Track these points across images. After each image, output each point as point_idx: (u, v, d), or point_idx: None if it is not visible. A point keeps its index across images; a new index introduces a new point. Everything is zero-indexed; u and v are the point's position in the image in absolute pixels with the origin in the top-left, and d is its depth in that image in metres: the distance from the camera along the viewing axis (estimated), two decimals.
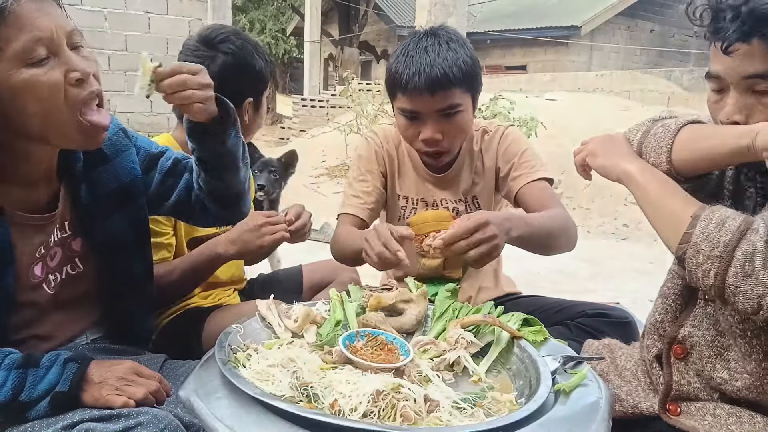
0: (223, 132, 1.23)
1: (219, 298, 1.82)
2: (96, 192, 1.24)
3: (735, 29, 1.04)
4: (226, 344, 1.07)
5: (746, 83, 1.06)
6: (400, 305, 1.29)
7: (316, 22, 16.66)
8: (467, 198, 1.80)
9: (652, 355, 1.27)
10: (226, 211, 1.38)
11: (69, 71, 1.03)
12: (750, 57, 1.04)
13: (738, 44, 1.04)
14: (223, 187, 1.31)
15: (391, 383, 0.93)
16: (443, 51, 1.56)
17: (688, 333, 1.21)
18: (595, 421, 0.94)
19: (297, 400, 0.93)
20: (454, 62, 1.54)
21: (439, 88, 1.53)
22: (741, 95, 1.08)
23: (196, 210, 1.36)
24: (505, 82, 14.46)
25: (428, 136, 1.60)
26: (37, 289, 1.16)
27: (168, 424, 0.93)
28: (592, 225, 6.32)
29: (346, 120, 8.70)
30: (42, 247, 1.16)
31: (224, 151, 1.26)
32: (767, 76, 1.04)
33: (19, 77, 1.00)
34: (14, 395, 0.97)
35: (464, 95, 1.59)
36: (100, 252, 1.26)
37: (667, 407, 1.20)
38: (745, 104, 1.08)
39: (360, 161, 1.82)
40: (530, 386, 1.04)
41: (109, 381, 1.01)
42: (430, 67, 1.53)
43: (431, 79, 1.52)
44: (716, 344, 1.17)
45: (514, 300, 1.85)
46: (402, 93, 1.59)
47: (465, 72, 1.56)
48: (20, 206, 1.12)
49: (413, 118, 1.61)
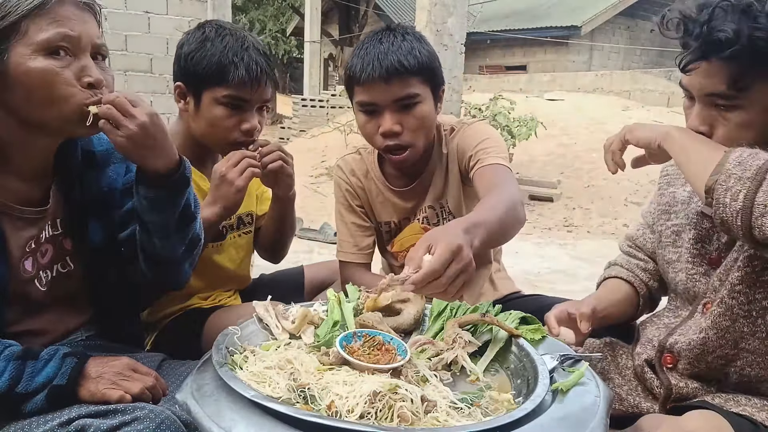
0: (174, 189, 1.17)
1: (220, 299, 1.82)
2: (85, 194, 1.25)
3: (694, 49, 1.08)
4: (223, 346, 1.07)
5: (708, 99, 1.11)
6: (397, 305, 1.28)
7: (316, 22, 16.68)
8: (441, 203, 1.77)
9: (642, 360, 1.28)
10: (156, 273, 1.29)
11: (83, 74, 1.07)
12: (710, 76, 1.08)
13: (698, 63, 1.09)
14: (153, 249, 1.24)
15: (388, 384, 0.93)
16: (398, 41, 1.56)
17: (675, 341, 1.23)
18: (593, 420, 0.93)
19: (294, 402, 0.93)
20: (409, 51, 1.54)
21: (395, 76, 1.53)
22: (704, 108, 1.13)
23: (135, 259, 1.29)
24: (505, 82, 14.48)
25: (387, 128, 1.57)
26: (29, 285, 1.16)
27: (165, 419, 0.93)
28: (592, 225, 6.32)
29: (346, 120, 8.71)
30: (32, 241, 1.17)
31: (168, 213, 1.20)
32: (726, 96, 1.08)
33: (35, 63, 1.04)
34: (11, 386, 0.97)
35: (422, 86, 1.58)
36: (86, 253, 1.26)
37: (668, 408, 1.20)
38: (708, 116, 1.12)
39: (337, 202, 1.84)
40: (528, 385, 1.04)
41: (106, 376, 1.01)
42: (384, 54, 1.53)
43: (385, 66, 1.52)
44: (705, 348, 1.18)
45: (514, 300, 1.85)
46: (358, 85, 1.58)
47: (421, 62, 1.55)
48: (12, 198, 1.13)
49: (372, 112, 1.60)
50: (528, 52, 17.84)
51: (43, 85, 1.04)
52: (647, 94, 12.37)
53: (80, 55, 1.07)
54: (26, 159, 1.14)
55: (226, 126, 1.56)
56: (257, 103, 1.59)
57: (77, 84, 1.07)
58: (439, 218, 1.78)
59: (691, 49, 1.09)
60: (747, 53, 1.03)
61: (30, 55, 1.03)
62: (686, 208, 1.32)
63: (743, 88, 1.06)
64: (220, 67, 1.52)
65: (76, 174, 1.23)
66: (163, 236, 1.22)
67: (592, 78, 13.79)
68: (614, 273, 1.51)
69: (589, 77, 13.93)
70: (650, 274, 1.48)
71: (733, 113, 1.09)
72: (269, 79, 1.58)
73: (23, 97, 1.05)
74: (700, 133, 1.13)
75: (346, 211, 1.81)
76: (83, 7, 1.09)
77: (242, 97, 1.54)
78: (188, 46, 1.57)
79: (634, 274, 1.49)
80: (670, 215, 1.36)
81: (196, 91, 1.57)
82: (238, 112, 1.56)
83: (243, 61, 1.52)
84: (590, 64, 16.94)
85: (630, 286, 1.47)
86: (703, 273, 1.25)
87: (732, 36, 1.02)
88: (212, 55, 1.53)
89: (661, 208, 1.39)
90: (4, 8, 1.03)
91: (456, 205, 1.76)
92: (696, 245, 1.26)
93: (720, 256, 1.22)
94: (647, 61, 17.46)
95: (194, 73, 1.55)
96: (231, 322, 1.20)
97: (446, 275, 1.03)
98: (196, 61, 1.54)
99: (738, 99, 1.07)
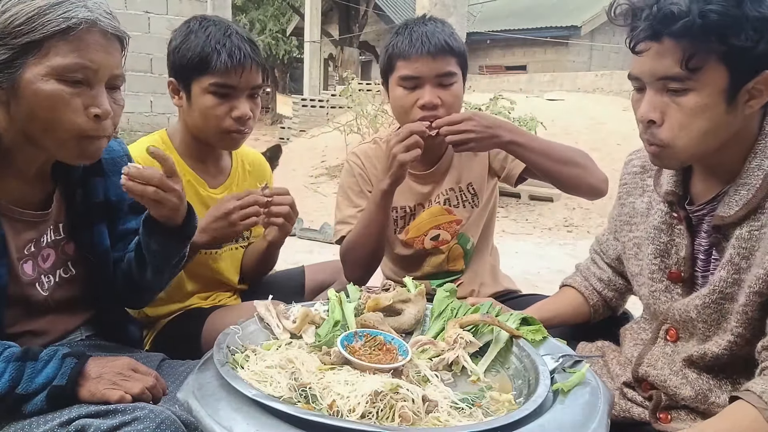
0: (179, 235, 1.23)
1: (219, 299, 1.82)
2: (89, 200, 1.26)
3: (645, 28, 1.04)
4: (224, 345, 1.07)
5: (660, 83, 1.06)
6: (398, 305, 1.28)
7: (316, 22, 16.68)
8: (460, 186, 1.84)
9: (620, 383, 1.28)
10: (129, 296, 1.36)
11: (92, 105, 1.07)
12: (661, 57, 1.04)
13: (648, 43, 1.05)
14: (141, 279, 1.30)
15: (389, 384, 0.93)
16: (440, 25, 1.71)
17: (646, 372, 1.22)
18: (595, 421, 0.93)
19: (295, 401, 0.93)
20: (450, 34, 1.69)
21: (440, 53, 1.64)
22: (655, 94, 1.08)
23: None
24: (505, 82, 14.46)
25: (427, 100, 1.64)
26: (30, 289, 1.16)
27: (165, 419, 0.93)
28: (592, 225, 6.31)
29: (346, 120, 8.70)
30: (32, 244, 1.17)
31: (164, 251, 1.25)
32: (678, 78, 1.03)
33: (46, 85, 1.03)
34: (11, 387, 0.97)
35: (458, 68, 1.69)
36: (88, 258, 1.27)
37: (657, 416, 1.20)
38: (660, 102, 1.07)
39: (346, 187, 1.85)
40: (529, 386, 1.04)
41: (106, 376, 1.02)
42: (431, 33, 1.66)
43: (431, 43, 1.64)
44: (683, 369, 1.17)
45: (514, 299, 1.86)
46: (404, 59, 1.67)
47: (459, 46, 1.69)
48: (11, 199, 1.13)
49: (413, 87, 1.67)
50: (528, 52, 17.84)
51: (49, 109, 1.04)
52: None
53: (94, 85, 1.07)
54: (26, 164, 1.14)
55: (217, 114, 1.56)
56: (246, 89, 1.57)
57: (83, 113, 1.06)
58: (459, 200, 1.83)
59: (637, 31, 1.05)
60: (699, 28, 0.99)
61: (43, 76, 1.03)
62: (645, 221, 1.29)
63: (696, 68, 1.01)
64: (203, 56, 1.52)
65: (78, 181, 1.23)
66: (157, 272, 1.29)
67: (592, 78, 13.78)
68: (570, 282, 1.55)
69: (589, 77, 13.92)
70: (605, 283, 1.49)
71: (685, 97, 1.04)
72: (255, 65, 1.56)
73: (27, 114, 1.05)
74: (650, 121, 1.09)
75: (356, 196, 1.83)
76: (110, 37, 1.08)
77: (228, 84, 1.54)
78: (175, 41, 1.59)
79: (589, 284, 1.51)
80: (631, 226, 1.34)
81: (186, 84, 1.58)
82: (227, 99, 1.55)
83: (225, 47, 1.52)
84: (590, 64, 16.94)
85: (581, 297, 1.50)
86: (664, 290, 1.23)
87: (684, 8, 0.99)
88: (196, 45, 1.53)
89: (623, 219, 1.37)
90: (30, 24, 1.01)
91: (480, 186, 1.84)
92: (655, 260, 1.24)
93: (680, 271, 1.20)
94: None
95: (181, 65, 1.56)
96: (230, 322, 1.20)
97: (466, 123, 1.56)
98: (182, 53, 1.55)
99: (691, 80, 1.02)
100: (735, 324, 1.09)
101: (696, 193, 1.19)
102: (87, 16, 1.04)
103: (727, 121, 1.05)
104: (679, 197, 1.20)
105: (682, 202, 1.20)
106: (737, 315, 1.08)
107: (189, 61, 1.54)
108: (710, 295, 1.11)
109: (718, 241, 1.13)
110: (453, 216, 1.83)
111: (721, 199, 1.12)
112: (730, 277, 1.09)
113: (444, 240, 1.83)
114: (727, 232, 1.11)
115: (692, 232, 1.19)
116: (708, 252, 1.17)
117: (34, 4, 1.02)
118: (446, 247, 1.84)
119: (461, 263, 1.87)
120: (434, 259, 1.86)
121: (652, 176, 1.29)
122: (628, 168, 1.38)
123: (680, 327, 1.21)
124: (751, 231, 1.06)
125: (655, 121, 1.08)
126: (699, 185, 1.19)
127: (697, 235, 1.19)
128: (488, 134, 1.58)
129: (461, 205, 1.84)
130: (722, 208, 1.10)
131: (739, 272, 1.08)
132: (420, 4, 6.87)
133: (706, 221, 1.16)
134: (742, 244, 1.07)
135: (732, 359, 1.12)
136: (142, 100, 8.24)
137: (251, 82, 1.57)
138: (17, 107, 1.05)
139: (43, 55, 1.02)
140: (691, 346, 1.17)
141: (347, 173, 1.87)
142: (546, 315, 1.40)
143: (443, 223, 1.83)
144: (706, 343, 1.14)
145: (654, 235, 1.24)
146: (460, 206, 1.84)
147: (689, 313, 1.15)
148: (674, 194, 1.20)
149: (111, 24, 1.08)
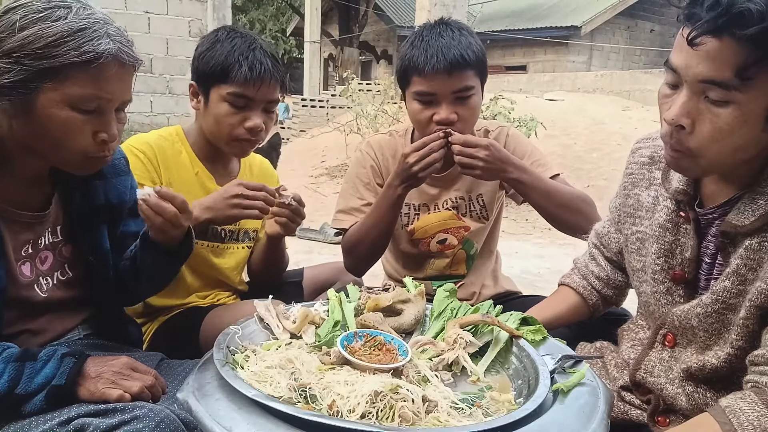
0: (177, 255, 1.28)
1: (218, 298, 1.82)
2: (88, 203, 1.26)
3: (709, 19, 0.90)
4: (224, 345, 1.07)
5: (701, 87, 0.95)
6: (398, 306, 1.28)
7: (316, 22, 16.69)
8: (470, 195, 1.82)
9: (618, 386, 1.27)
10: (121, 296, 1.38)
11: (101, 129, 1.08)
12: (713, 57, 0.92)
13: (706, 37, 0.92)
14: (136, 285, 1.34)
15: (389, 384, 0.93)
16: (456, 36, 1.63)
17: (643, 378, 1.21)
18: (594, 421, 0.93)
19: (295, 401, 0.93)
20: (468, 45, 1.62)
21: (456, 69, 1.59)
22: (691, 97, 0.97)
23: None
24: (505, 82, 14.47)
25: (443, 117, 1.63)
26: (28, 290, 1.17)
27: (164, 418, 0.93)
28: None
29: (346, 120, 8.71)
30: (29, 246, 1.17)
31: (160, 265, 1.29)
32: (723, 85, 0.92)
33: (60, 112, 1.04)
34: (10, 387, 0.97)
35: (476, 79, 1.65)
36: (86, 260, 1.27)
37: (656, 419, 1.19)
38: (694, 108, 0.97)
39: (355, 176, 1.84)
40: (529, 386, 1.04)
41: (105, 375, 1.02)
42: (447, 48, 1.59)
43: (448, 59, 1.58)
44: (681, 375, 1.15)
45: (514, 300, 1.86)
46: (419, 75, 1.63)
47: (477, 56, 1.64)
48: (9, 201, 1.13)
49: (428, 102, 1.65)
50: (528, 52, 17.84)
51: (59, 132, 1.06)
52: (647, 94, 12.35)
53: (105, 112, 1.08)
54: (25, 168, 1.15)
55: (231, 123, 1.60)
56: (262, 102, 1.61)
57: (91, 138, 1.08)
58: (467, 210, 1.83)
59: (698, 20, 0.91)
60: None
61: (59, 102, 1.03)
62: (651, 216, 1.23)
63: (748, 78, 0.90)
64: (225, 65, 1.57)
65: (77, 184, 1.24)
66: (151, 279, 1.33)
67: (592, 78, 13.80)
68: (567, 281, 1.51)
69: (589, 77, 13.93)
70: (604, 282, 1.45)
71: (725, 109, 0.93)
72: (274, 80, 1.60)
73: (35, 133, 1.06)
74: (678, 127, 0.98)
75: (363, 188, 1.82)
76: (128, 66, 1.09)
77: (246, 95, 1.58)
78: (201, 47, 1.64)
79: (587, 283, 1.47)
80: (635, 219, 1.28)
81: (205, 90, 1.62)
82: (242, 110, 1.60)
83: (247, 59, 1.56)
84: (590, 64, 16.95)
85: (580, 299, 1.47)
86: (665, 291, 1.19)
87: (763, 11, 0.86)
88: (220, 54, 1.58)
89: (626, 210, 1.31)
90: (50, 50, 1.00)
91: (490, 200, 1.83)
92: (658, 260, 1.19)
93: (684, 272, 1.16)
94: (647, 61, 17.47)
95: (203, 71, 1.61)
96: (228, 321, 1.20)
97: (480, 150, 1.55)
98: (206, 60, 1.60)
99: (737, 91, 0.91)
100: (735, 337, 1.05)
101: (707, 194, 1.13)
102: (109, 49, 1.04)
103: (760, 139, 0.97)
104: (690, 197, 1.14)
105: (692, 203, 1.14)
106: (737, 328, 1.05)
107: (211, 68, 1.58)
108: (713, 305, 1.08)
109: (725, 245, 1.08)
110: (462, 222, 1.82)
111: (734, 204, 1.06)
112: (735, 288, 1.04)
113: (450, 244, 1.83)
114: (736, 239, 1.05)
115: (700, 233, 1.14)
116: (713, 255, 1.13)
117: (55, 28, 1.01)
118: (451, 251, 1.84)
119: (463, 268, 1.87)
120: (438, 263, 1.86)
121: (660, 168, 1.23)
122: (635, 157, 1.31)
123: (679, 333, 1.18)
124: (762, 242, 1.01)
125: (685, 128, 0.98)
126: (711, 186, 1.12)
127: (704, 238, 1.14)
128: (497, 168, 1.57)
129: (468, 214, 1.83)
130: (735, 216, 1.04)
131: (744, 283, 1.03)
132: (420, 5, 6.89)
133: (715, 225, 1.11)
134: (751, 255, 1.02)
135: (731, 372, 1.09)
136: (142, 100, 8.23)
137: (268, 96, 1.61)
138: (25, 125, 1.06)
139: (60, 82, 1.02)
140: (690, 354, 1.15)
141: (358, 163, 1.85)
142: (545, 319, 1.39)
143: (452, 227, 1.83)
144: (706, 354, 1.11)
145: (659, 233, 1.19)
146: (467, 215, 1.83)
147: (690, 320, 1.12)
148: (685, 193, 1.14)
149: (130, 54, 1.09)
